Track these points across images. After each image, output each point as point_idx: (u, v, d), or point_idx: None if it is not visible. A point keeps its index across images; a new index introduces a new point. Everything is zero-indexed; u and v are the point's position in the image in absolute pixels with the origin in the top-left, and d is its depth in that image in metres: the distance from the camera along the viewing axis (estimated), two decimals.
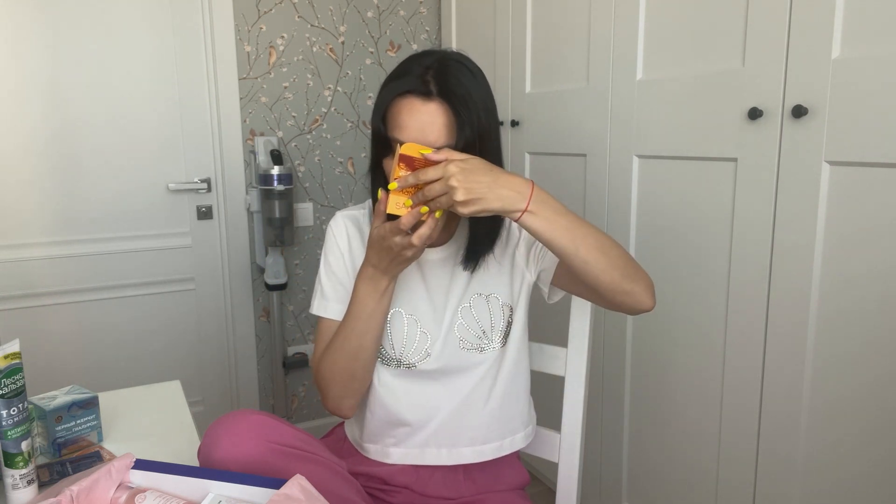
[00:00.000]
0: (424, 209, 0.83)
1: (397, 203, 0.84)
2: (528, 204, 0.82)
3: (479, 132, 0.91)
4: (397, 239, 0.85)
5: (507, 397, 1.04)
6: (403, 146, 0.84)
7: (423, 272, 1.03)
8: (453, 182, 0.79)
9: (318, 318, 1.04)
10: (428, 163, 0.84)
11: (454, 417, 1.02)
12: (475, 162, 0.82)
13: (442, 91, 0.89)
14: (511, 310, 1.04)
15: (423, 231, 0.83)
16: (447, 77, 0.90)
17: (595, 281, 0.88)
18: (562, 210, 0.85)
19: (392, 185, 0.83)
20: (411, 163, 0.84)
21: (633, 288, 0.90)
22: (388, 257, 0.88)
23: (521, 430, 1.07)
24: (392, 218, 0.86)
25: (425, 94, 0.89)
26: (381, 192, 0.85)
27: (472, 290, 1.03)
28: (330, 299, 1.03)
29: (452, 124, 0.89)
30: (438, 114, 0.89)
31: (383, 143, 0.93)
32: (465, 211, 0.81)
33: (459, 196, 0.79)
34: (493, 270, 1.04)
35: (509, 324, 1.03)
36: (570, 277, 0.98)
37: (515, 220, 0.84)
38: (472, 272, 1.03)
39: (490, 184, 0.81)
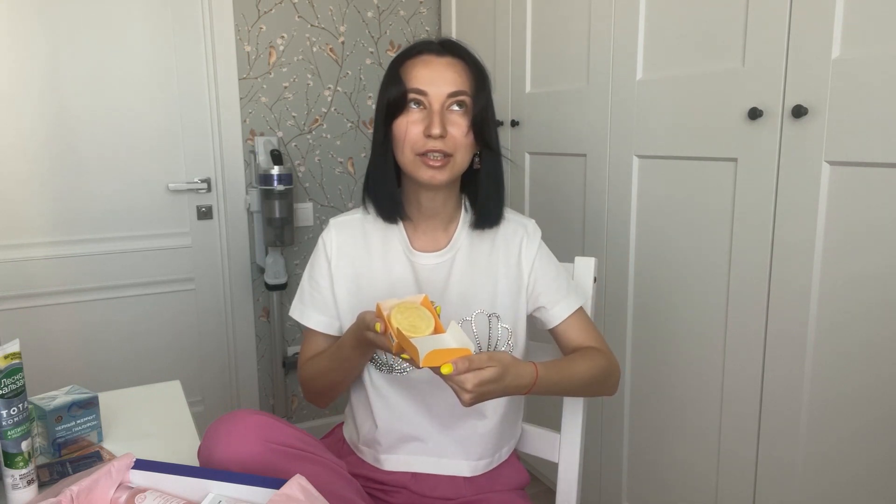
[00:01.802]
0: None
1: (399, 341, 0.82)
2: (530, 391, 0.88)
3: (490, 92, 0.97)
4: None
5: (506, 417, 1.04)
6: (426, 356, 0.77)
7: (417, 277, 1.02)
8: (465, 398, 0.80)
9: (304, 330, 1.07)
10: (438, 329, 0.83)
11: (450, 431, 1.02)
12: (490, 374, 0.80)
13: (453, 51, 0.96)
14: (511, 334, 1.03)
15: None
16: (456, 44, 0.98)
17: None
18: (557, 380, 0.92)
19: (405, 357, 0.81)
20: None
21: (598, 395, 1.04)
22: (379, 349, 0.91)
23: (507, 444, 1.09)
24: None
25: (438, 51, 0.96)
26: (378, 311, 0.83)
27: (478, 305, 1.01)
28: (309, 307, 1.04)
29: (467, 75, 0.95)
30: (453, 64, 0.95)
31: (398, 103, 0.95)
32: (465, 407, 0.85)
33: (466, 403, 0.80)
34: (502, 294, 1.03)
35: (510, 344, 1.02)
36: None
37: None
38: (480, 280, 1.03)
39: (501, 392, 0.84)
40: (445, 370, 0.78)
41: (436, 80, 0.93)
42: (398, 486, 1.04)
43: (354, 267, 1.03)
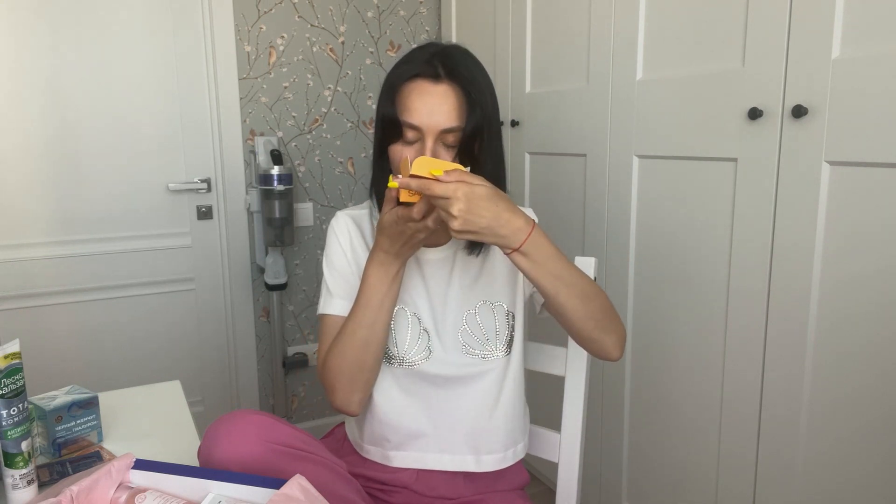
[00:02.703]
0: None
1: (410, 192, 0.83)
2: (521, 246, 0.84)
3: (486, 116, 0.92)
4: (411, 224, 0.85)
5: (513, 407, 1.04)
6: (415, 162, 0.81)
7: (422, 272, 1.03)
8: (454, 210, 0.79)
9: (321, 317, 1.03)
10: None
11: (459, 426, 1.02)
12: (482, 191, 0.80)
13: (450, 74, 0.91)
14: (513, 318, 1.03)
15: (437, 215, 0.84)
16: (453, 61, 0.92)
17: (568, 325, 0.94)
18: (553, 256, 0.87)
19: (392, 184, 0.83)
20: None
21: (602, 338, 0.94)
22: (400, 241, 0.89)
23: (522, 441, 1.08)
24: (402, 203, 0.86)
25: (434, 77, 0.91)
26: (391, 179, 0.84)
27: (478, 297, 1.02)
28: (334, 295, 1.02)
29: (462, 106, 0.91)
30: (448, 95, 0.91)
31: (391, 129, 0.93)
32: (456, 236, 0.82)
33: (455, 225, 0.80)
34: (499, 279, 1.04)
35: (512, 333, 1.03)
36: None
37: (505, 254, 0.86)
38: (479, 271, 1.03)
39: (490, 220, 0.81)
40: (436, 172, 0.79)
41: (431, 113, 0.90)
42: (399, 486, 1.04)
43: (362, 258, 1.03)
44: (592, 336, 0.94)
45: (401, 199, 0.84)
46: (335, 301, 1.02)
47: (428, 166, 0.82)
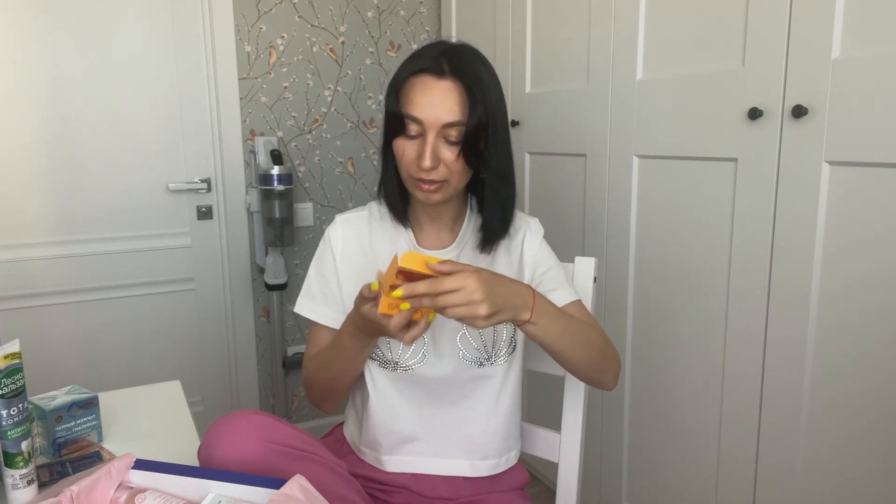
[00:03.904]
0: (417, 315, 0.82)
1: (390, 304, 0.79)
2: (531, 315, 0.85)
3: (490, 114, 0.92)
4: (387, 330, 0.83)
5: (511, 415, 1.04)
6: (403, 256, 0.77)
7: None
8: (477, 296, 0.77)
9: (311, 324, 1.06)
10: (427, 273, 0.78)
11: (453, 431, 1.02)
12: (485, 273, 0.80)
13: (454, 70, 0.92)
14: (515, 329, 1.03)
15: (415, 333, 0.82)
16: (460, 59, 0.93)
17: (568, 368, 0.97)
18: (555, 314, 0.89)
19: (397, 293, 0.78)
20: (410, 276, 0.78)
21: (600, 378, 0.99)
22: (374, 331, 0.88)
23: (515, 447, 1.08)
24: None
25: (438, 73, 0.92)
26: (396, 309, 0.80)
27: None
28: (319, 303, 1.04)
29: (465, 102, 0.91)
30: (451, 90, 0.91)
31: (396, 123, 0.94)
32: (483, 324, 0.79)
33: (484, 310, 0.78)
34: None
35: (512, 339, 1.03)
36: None
37: (517, 327, 0.87)
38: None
39: (506, 294, 0.81)
40: (425, 264, 0.77)
41: (433, 107, 0.90)
42: (398, 487, 1.04)
43: (360, 265, 1.03)
44: (591, 377, 0.99)
45: (380, 311, 0.80)
46: (320, 310, 1.04)
47: (414, 261, 0.78)
